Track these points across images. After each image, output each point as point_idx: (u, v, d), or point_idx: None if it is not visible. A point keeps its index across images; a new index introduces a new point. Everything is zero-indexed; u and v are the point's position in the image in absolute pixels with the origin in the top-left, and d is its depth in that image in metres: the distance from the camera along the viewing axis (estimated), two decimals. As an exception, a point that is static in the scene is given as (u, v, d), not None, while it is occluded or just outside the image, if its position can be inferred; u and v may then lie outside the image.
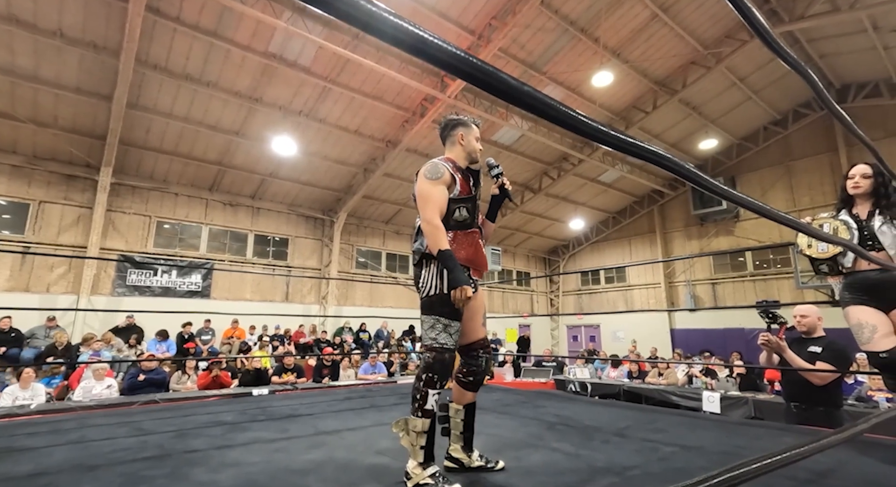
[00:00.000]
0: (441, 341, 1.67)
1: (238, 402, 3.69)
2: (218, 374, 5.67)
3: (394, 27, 0.44)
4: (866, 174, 2.15)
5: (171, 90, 7.63)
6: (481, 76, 0.51)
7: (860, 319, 2.02)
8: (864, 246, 2.10)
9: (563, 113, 0.58)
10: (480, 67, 0.50)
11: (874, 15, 8.07)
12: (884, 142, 10.66)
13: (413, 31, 0.46)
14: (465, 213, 1.79)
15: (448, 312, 1.68)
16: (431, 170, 1.76)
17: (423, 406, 1.63)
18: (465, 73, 0.50)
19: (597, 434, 2.50)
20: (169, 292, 9.34)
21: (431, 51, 0.47)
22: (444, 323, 1.68)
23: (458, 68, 0.50)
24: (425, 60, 0.50)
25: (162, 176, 9.44)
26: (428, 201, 1.71)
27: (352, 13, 0.41)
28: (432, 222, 1.67)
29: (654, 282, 14.86)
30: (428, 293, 1.72)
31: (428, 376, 1.65)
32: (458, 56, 0.49)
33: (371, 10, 0.42)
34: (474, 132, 1.93)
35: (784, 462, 0.72)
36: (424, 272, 1.75)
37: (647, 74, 9.93)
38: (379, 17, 0.43)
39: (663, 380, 6.39)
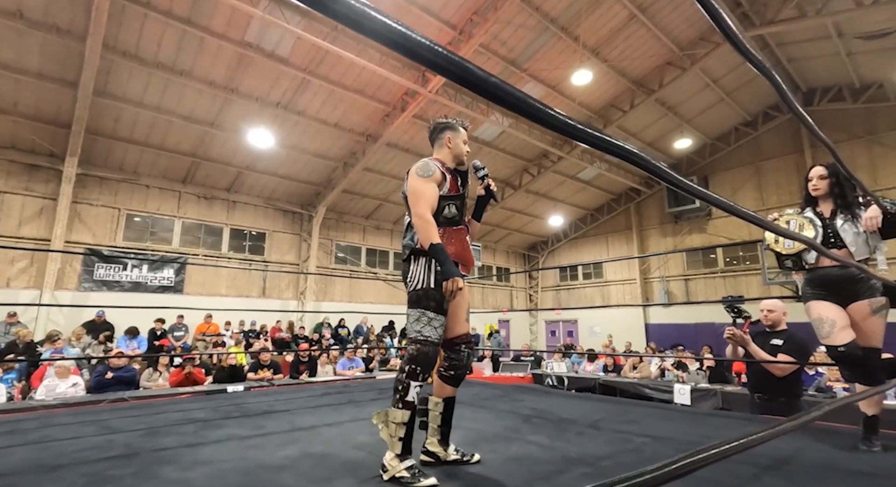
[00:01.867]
0: (426, 334, 1.72)
1: (211, 399, 3.61)
2: (191, 371, 5.52)
3: (373, 21, 0.44)
4: (823, 175, 2.25)
5: (141, 78, 7.34)
6: (459, 72, 0.51)
7: (820, 314, 2.11)
8: (828, 243, 2.19)
9: (539, 110, 0.59)
10: (459, 63, 0.51)
11: (839, 22, 8.40)
12: (846, 144, 11.14)
13: (394, 27, 0.45)
14: (454, 210, 1.88)
15: (434, 306, 1.74)
16: (423, 168, 1.83)
17: (405, 398, 1.67)
18: (446, 69, 0.50)
19: (571, 426, 2.56)
20: (140, 287, 9.05)
21: (412, 46, 0.47)
22: (430, 317, 1.73)
23: (439, 65, 0.50)
24: (406, 56, 0.49)
25: (132, 167, 9.11)
26: (420, 197, 1.77)
27: (332, 6, 0.41)
28: (424, 216, 1.73)
29: (629, 278, 15.20)
30: (415, 287, 1.76)
31: (411, 368, 1.69)
32: (439, 52, 0.48)
33: (351, 4, 0.42)
34: (462, 135, 2.01)
35: (739, 448, 0.76)
36: (413, 267, 1.80)
37: (625, 73, 10.10)
38: (360, 12, 0.43)
39: (637, 374, 6.57)
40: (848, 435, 2.22)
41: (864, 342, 2.05)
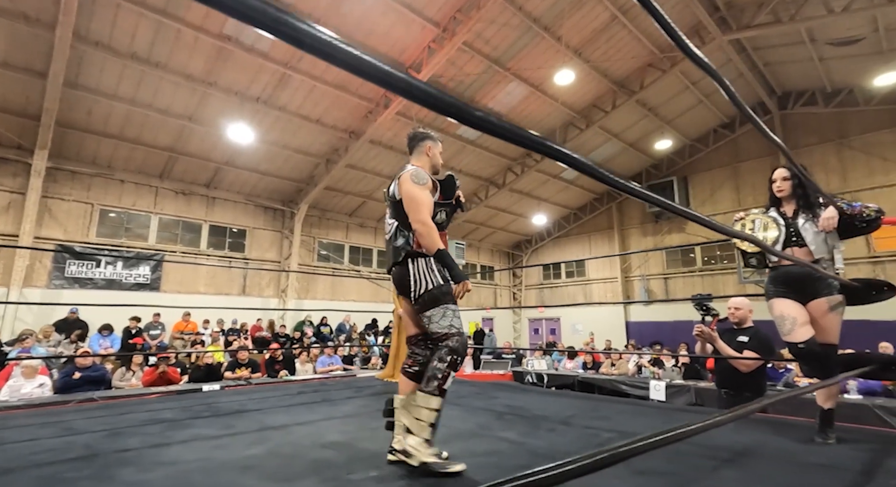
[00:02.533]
0: (457, 325, 1.83)
1: (183, 399, 3.54)
2: (165, 370, 5.41)
3: (330, 46, 0.45)
4: (786, 177, 2.31)
5: (115, 70, 7.13)
6: (418, 94, 0.53)
7: (782, 311, 2.18)
8: (790, 242, 2.26)
9: (498, 126, 0.60)
10: (416, 84, 0.52)
11: (811, 28, 8.63)
12: (818, 147, 11.49)
13: (349, 51, 0.47)
14: (443, 216, 1.99)
15: (451, 299, 1.85)
16: (418, 176, 1.90)
17: (443, 386, 1.75)
18: (402, 90, 0.52)
19: (543, 422, 2.58)
20: (114, 285, 8.81)
21: (367, 69, 0.48)
22: (453, 309, 1.83)
23: (394, 86, 0.51)
24: (364, 78, 0.51)
25: (106, 161, 8.85)
26: (421, 204, 1.84)
27: (289, 33, 0.42)
28: (428, 223, 1.81)
29: (611, 277, 15.41)
30: (427, 289, 1.84)
31: (453, 358, 1.77)
32: (393, 74, 0.51)
33: (315, 35, 0.44)
34: (439, 147, 2.13)
35: (675, 437, 0.78)
36: (414, 270, 1.86)
37: (607, 74, 10.21)
38: (325, 42, 0.44)
39: (615, 370, 6.67)
40: (807, 429, 2.30)
41: (821, 338, 2.12)
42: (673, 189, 13.63)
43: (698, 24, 9.13)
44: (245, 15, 0.40)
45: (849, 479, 1.57)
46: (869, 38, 8.75)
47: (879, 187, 10.49)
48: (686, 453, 1.93)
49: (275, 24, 0.41)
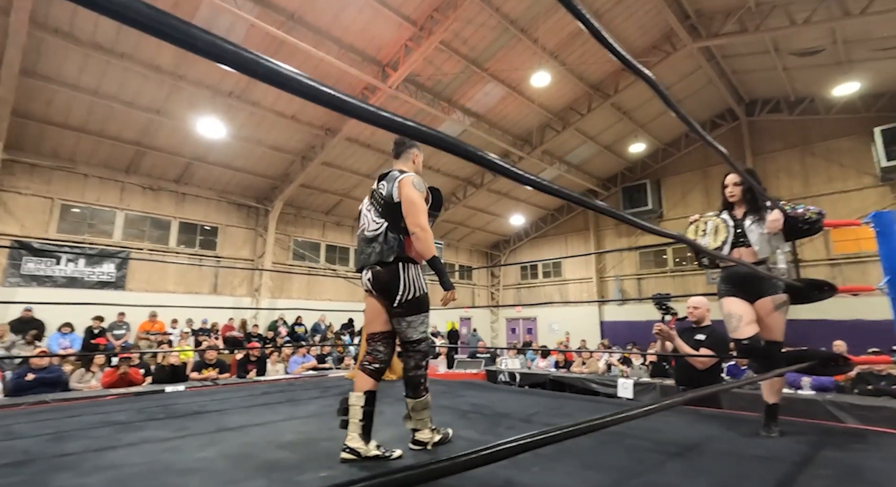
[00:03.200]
0: (428, 332, 2.02)
1: (141, 400, 3.43)
2: (126, 371, 5.23)
3: (283, 75, 0.47)
4: (737, 182, 2.40)
5: (77, 59, 6.85)
6: (375, 119, 0.55)
7: (730, 309, 2.25)
8: (738, 242, 2.34)
9: (456, 146, 0.66)
10: (372, 111, 0.55)
11: (776, 38, 8.97)
12: (782, 153, 11.94)
13: (305, 82, 0.49)
14: (432, 221, 2.09)
15: (427, 307, 1.99)
16: (419, 182, 2.00)
17: (425, 386, 2.00)
18: (358, 115, 0.55)
19: (504, 420, 2.60)
20: (75, 283, 8.47)
21: (324, 98, 0.51)
22: (427, 317, 2.00)
23: (351, 111, 0.54)
24: (319, 104, 0.53)
25: (68, 155, 8.50)
26: (420, 209, 1.92)
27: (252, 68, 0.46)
28: (427, 228, 1.90)
29: (586, 277, 15.68)
30: (415, 294, 1.93)
31: (426, 362, 2.00)
32: (351, 103, 0.53)
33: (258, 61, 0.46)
34: (422, 156, 2.27)
35: (599, 426, 0.81)
36: (404, 276, 1.92)
37: (582, 77, 10.38)
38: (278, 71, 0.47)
39: (586, 369, 6.79)
40: (755, 423, 2.38)
41: (767, 335, 2.20)
42: (646, 191, 13.95)
43: (670, 31, 9.38)
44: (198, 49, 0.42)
45: (783, 470, 1.63)
46: (828, 49, 9.14)
47: (838, 193, 10.98)
48: (637, 448, 1.98)
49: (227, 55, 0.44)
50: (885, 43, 8.56)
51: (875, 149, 10.16)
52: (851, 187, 10.86)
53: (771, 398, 2.24)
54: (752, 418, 2.62)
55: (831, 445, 1.99)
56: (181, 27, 0.41)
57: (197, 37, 0.42)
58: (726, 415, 2.73)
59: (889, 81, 9.81)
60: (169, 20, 0.41)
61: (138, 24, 0.39)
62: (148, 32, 0.40)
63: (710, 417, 2.65)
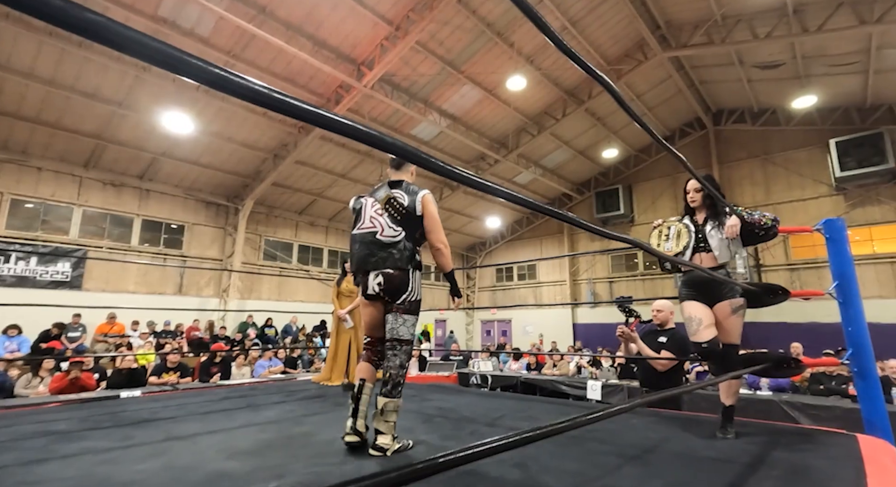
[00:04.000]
0: (415, 334, 2.12)
1: (89, 407, 3.24)
2: (77, 376, 4.95)
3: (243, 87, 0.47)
4: (698, 188, 2.45)
5: (29, 46, 6.49)
6: (339, 126, 0.55)
7: (690, 313, 2.29)
8: (699, 247, 2.39)
9: (420, 158, 0.67)
10: (334, 119, 0.54)
11: (740, 50, 9.33)
12: (745, 162, 12.42)
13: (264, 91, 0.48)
14: None
15: (419, 312, 2.15)
16: (434, 199, 2.18)
17: (402, 390, 2.03)
18: (326, 125, 0.54)
19: (469, 425, 2.57)
20: (26, 283, 8.00)
21: (284, 107, 0.50)
22: (417, 321, 2.14)
23: (318, 122, 0.53)
24: (286, 115, 0.52)
25: (20, 147, 8.03)
26: (440, 226, 2.14)
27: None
28: (447, 244, 2.17)
29: (560, 280, 15.90)
30: (417, 297, 2.11)
31: (408, 363, 2.07)
32: (312, 111, 0.52)
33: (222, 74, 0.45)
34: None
35: (559, 430, 0.80)
36: (412, 281, 2.10)
37: (557, 82, 10.53)
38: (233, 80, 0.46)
39: (556, 371, 6.85)
40: (713, 425, 2.43)
41: (724, 338, 2.25)
42: (619, 197, 14.27)
43: (641, 41, 9.63)
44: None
45: (734, 471, 1.66)
46: (788, 63, 9.57)
47: (797, 201, 11.49)
48: (596, 451, 1.98)
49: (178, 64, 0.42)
50: (839, 59, 9.03)
51: (830, 160, 10.69)
52: (808, 196, 11.39)
53: (728, 399, 2.29)
54: (710, 419, 2.67)
55: (782, 446, 2.04)
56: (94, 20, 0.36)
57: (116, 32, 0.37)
58: (685, 417, 2.78)
59: (843, 95, 10.35)
60: (83, 14, 0.35)
61: (52, 19, 0.34)
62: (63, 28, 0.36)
63: (670, 419, 2.69)
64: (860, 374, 2.21)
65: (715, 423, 2.49)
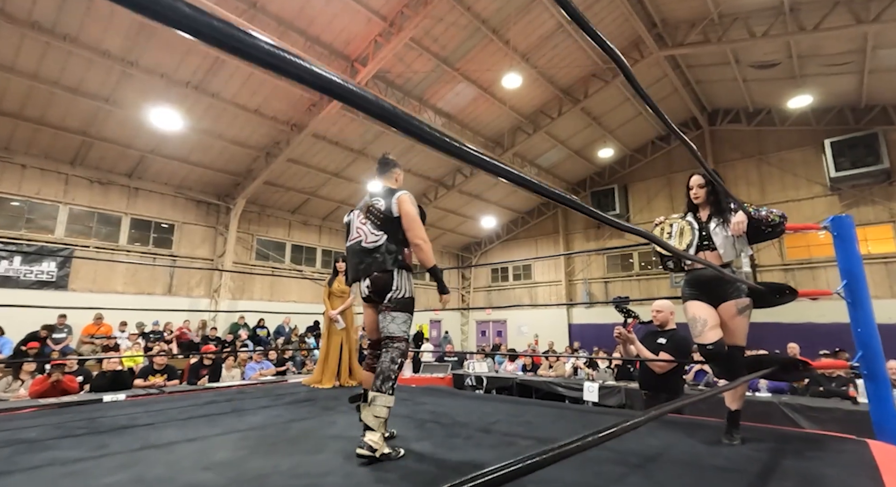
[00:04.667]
0: (408, 333, 2.13)
1: (67, 412, 3.10)
2: (59, 379, 4.78)
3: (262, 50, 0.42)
4: (701, 184, 2.35)
5: (11, 39, 6.29)
6: (356, 99, 0.51)
7: (694, 313, 2.19)
8: (702, 245, 2.29)
9: (436, 138, 0.60)
10: (353, 89, 0.51)
11: (736, 49, 9.29)
12: (740, 162, 12.41)
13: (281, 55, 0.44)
14: None
15: (412, 310, 2.14)
16: (412, 198, 2.20)
17: (394, 386, 1.99)
18: (337, 94, 0.50)
19: (462, 430, 2.46)
20: (9, 283, 7.79)
21: (299, 72, 0.46)
22: (411, 319, 2.14)
23: (332, 91, 0.50)
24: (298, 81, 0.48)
25: (3, 143, 7.83)
26: (419, 223, 2.14)
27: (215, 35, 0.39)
28: (427, 240, 2.14)
29: (556, 280, 15.84)
30: (404, 295, 2.12)
31: (402, 361, 2.04)
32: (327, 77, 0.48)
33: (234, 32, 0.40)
34: (402, 175, 2.43)
35: (572, 451, 0.71)
36: (398, 279, 2.11)
37: (553, 80, 10.45)
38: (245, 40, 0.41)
39: (552, 372, 6.76)
40: (717, 429, 2.33)
41: (730, 340, 2.15)
42: (614, 196, 14.22)
43: (637, 39, 9.56)
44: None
45: (745, 481, 1.56)
46: (784, 63, 9.55)
47: (792, 201, 11.49)
48: (598, 459, 1.88)
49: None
50: (835, 59, 9.01)
51: (825, 160, 10.69)
52: (803, 196, 11.39)
53: (733, 404, 2.19)
54: (712, 423, 2.58)
55: (790, 452, 1.95)
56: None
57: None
58: (687, 421, 2.68)
59: (838, 96, 10.35)
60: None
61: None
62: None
63: (672, 423, 2.59)
64: (870, 377, 2.13)
65: (718, 427, 2.40)
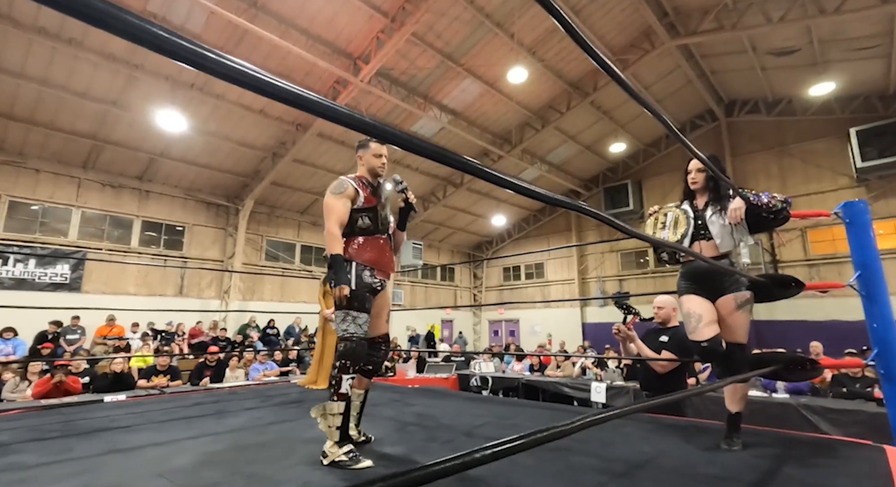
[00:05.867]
0: (351, 331, 1.93)
1: (52, 414, 3.08)
2: (62, 380, 4.83)
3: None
4: (700, 168, 2.18)
5: (19, 45, 6.41)
6: (339, 117, 0.53)
7: (689, 308, 2.02)
8: (698, 235, 2.12)
9: (429, 149, 0.61)
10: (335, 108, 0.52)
11: (753, 36, 8.91)
12: (760, 154, 11.94)
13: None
14: (367, 221, 2.07)
15: (356, 306, 1.94)
16: (336, 185, 2.07)
17: (339, 391, 1.87)
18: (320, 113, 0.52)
19: (444, 434, 2.33)
20: (24, 285, 7.98)
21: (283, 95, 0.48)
22: (353, 316, 1.94)
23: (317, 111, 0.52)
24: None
25: (16, 148, 8.02)
26: (330, 213, 2.01)
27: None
28: (331, 230, 2.00)
29: (569, 278, 15.54)
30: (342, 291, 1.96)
31: (342, 363, 1.90)
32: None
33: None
34: (371, 150, 2.18)
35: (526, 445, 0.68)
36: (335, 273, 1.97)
37: (561, 74, 10.21)
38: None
39: (560, 372, 6.56)
40: (717, 433, 2.15)
41: (728, 337, 1.97)
42: (628, 192, 13.86)
43: (648, 29, 9.26)
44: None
45: (737, 498, 1.39)
46: (804, 49, 9.12)
47: (816, 193, 10.98)
48: (579, 466, 1.72)
49: None
50: (859, 43, 8.56)
51: (851, 150, 10.18)
52: (827, 188, 10.88)
53: (733, 406, 2.01)
54: (715, 427, 2.39)
55: (795, 459, 1.76)
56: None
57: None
58: (688, 424, 2.50)
59: (863, 82, 9.84)
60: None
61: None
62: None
63: (670, 427, 2.41)
64: (887, 377, 1.92)
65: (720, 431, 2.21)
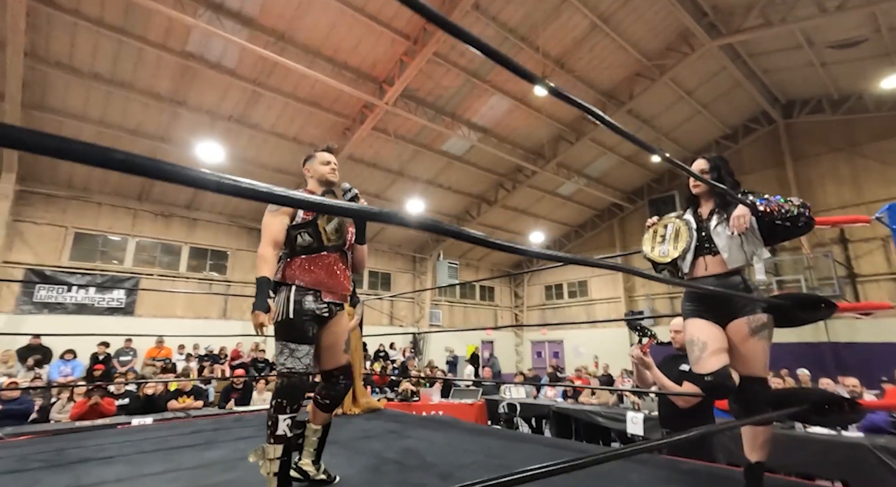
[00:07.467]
0: (289, 365, 1.74)
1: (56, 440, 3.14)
2: (98, 402, 5.05)
3: None
4: (704, 170, 1.86)
5: (80, 91, 7.12)
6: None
7: (692, 334, 1.68)
8: (703, 248, 1.79)
9: None
10: None
11: (806, 30, 8.13)
12: (826, 157, 10.77)
13: None
14: (307, 237, 1.89)
15: (295, 337, 1.76)
16: (272, 208, 1.90)
17: (275, 433, 1.69)
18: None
19: (420, 475, 2.09)
20: (85, 310, 8.64)
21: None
22: (292, 348, 1.75)
23: None
24: None
25: (82, 184, 8.84)
26: (264, 232, 1.87)
27: None
28: (260, 251, 1.82)
29: (614, 296, 14.68)
30: (277, 319, 1.79)
31: (277, 401, 1.71)
32: None
33: None
34: (318, 158, 2.10)
35: None
36: (276, 298, 1.82)
37: (593, 84, 9.84)
38: None
39: (595, 399, 6.03)
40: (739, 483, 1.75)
41: (744, 369, 1.61)
42: (675, 203, 12.98)
43: (686, 31, 8.75)
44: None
45: None
46: (872, 39, 8.20)
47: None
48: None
49: None
50: (939, 26, 7.55)
51: (938, 146, 8.91)
52: (913, 190, 9.56)
53: (753, 454, 1.62)
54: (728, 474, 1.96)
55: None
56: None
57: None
58: (713, 471, 2.08)
59: (948, 69, 8.65)
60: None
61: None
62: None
63: (690, 473, 2.02)
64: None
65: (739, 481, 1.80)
